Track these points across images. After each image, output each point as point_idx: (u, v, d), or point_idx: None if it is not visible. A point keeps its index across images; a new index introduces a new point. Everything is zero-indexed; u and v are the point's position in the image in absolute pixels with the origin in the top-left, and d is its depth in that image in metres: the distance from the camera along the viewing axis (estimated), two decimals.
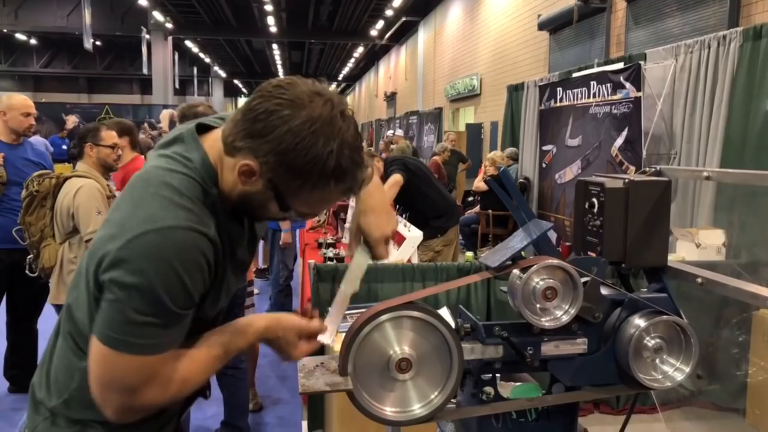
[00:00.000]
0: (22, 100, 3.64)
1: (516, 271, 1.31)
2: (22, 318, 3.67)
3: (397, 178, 4.56)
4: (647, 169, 1.56)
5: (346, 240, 5.01)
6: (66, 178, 3.11)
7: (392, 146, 9.51)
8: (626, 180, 1.42)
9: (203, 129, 1.19)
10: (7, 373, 3.71)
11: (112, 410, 1.07)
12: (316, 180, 1.05)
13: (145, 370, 1.04)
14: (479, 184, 7.49)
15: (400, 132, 17.03)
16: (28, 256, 3.24)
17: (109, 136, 3.23)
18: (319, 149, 1.02)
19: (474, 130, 14.07)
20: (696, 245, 3.73)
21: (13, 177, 3.47)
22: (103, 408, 1.07)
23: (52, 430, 1.16)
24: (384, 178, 4.58)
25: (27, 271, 3.24)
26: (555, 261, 1.29)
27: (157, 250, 1.01)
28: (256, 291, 5.52)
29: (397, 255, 3.66)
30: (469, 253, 4.48)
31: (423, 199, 4.60)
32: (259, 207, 1.13)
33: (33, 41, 28.93)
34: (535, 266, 1.27)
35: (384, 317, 1.24)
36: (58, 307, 3.19)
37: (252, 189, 1.09)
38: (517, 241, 1.35)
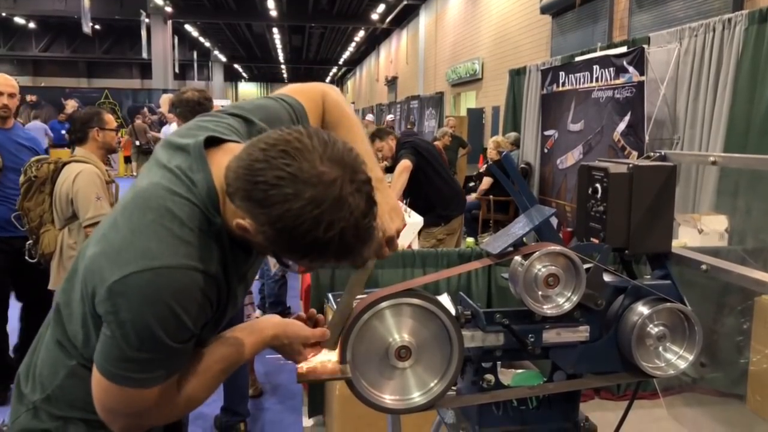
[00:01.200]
0: None
1: (518, 258, 1.29)
2: (33, 303, 3.64)
3: (406, 164, 4.43)
4: (652, 153, 1.53)
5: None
6: (64, 164, 3.08)
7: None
8: (630, 165, 1.39)
9: (213, 141, 1.09)
10: (20, 360, 3.69)
11: (118, 429, 1.07)
12: (315, 257, 0.99)
13: (148, 400, 1.03)
14: (483, 187, 7.47)
15: (390, 117, 16.94)
16: (27, 242, 3.21)
17: (111, 120, 3.21)
18: (319, 235, 0.93)
19: (475, 114, 14.00)
20: (698, 231, 3.71)
21: (9, 162, 3.39)
22: (109, 425, 1.07)
23: (32, 423, 1.14)
24: (395, 158, 4.58)
25: (26, 257, 3.22)
26: (557, 247, 1.27)
27: (154, 290, 0.96)
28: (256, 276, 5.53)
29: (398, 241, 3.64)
30: (470, 239, 4.45)
31: (430, 186, 4.54)
32: (260, 249, 1.09)
33: (32, 25, 28.69)
34: (537, 253, 1.25)
35: (383, 304, 1.22)
36: None
37: (249, 237, 1.01)
38: (519, 227, 1.33)
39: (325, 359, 1.22)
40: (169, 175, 1.05)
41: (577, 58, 6.52)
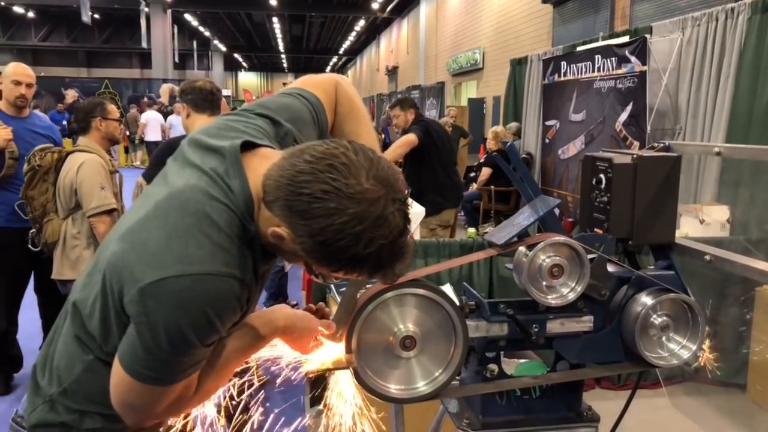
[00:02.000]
0: (14, 67, 3.54)
1: (522, 249, 1.29)
2: (51, 293, 3.63)
3: (410, 138, 4.38)
4: (656, 144, 1.53)
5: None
6: (68, 153, 3.08)
7: None
8: (634, 155, 1.39)
9: (246, 145, 1.08)
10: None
11: (132, 422, 1.07)
12: (350, 271, 1.00)
13: (169, 397, 1.03)
14: (483, 177, 7.46)
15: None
16: (31, 231, 3.22)
17: (114, 110, 3.20)
18: (359, 251, 0.94)
19: (476, 104, 13.97)
20: (700, 221, 3.71)
21: (24, 152, 3.33)
22: (124, 419, 1.07)
23: (49, 416, 1.14)
24: (405, 131, 4.63)
25: (30, 246, 3.22)
26: (561, 238, 1.27)
27: (191, 296, 0.95)
28: None
29: None
30: (471, 230, 4.46)
31: (428, 169, 4.51)
32: (289, 258, 1.09)
33: (31, 14, 28.58)
34: (541, 243, 1.26)
35: (388, 295, 1.22)
36: (61, 282, 3.18)
37: (282, 246, 1.01)
38: (524, 217, 1.33)
39: (330, 349, 1.22)
40: (206, 178, 1.04)
41: (579, 48, 6.49)
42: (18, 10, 27.15)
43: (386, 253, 0.96)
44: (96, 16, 24.79)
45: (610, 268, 1.36)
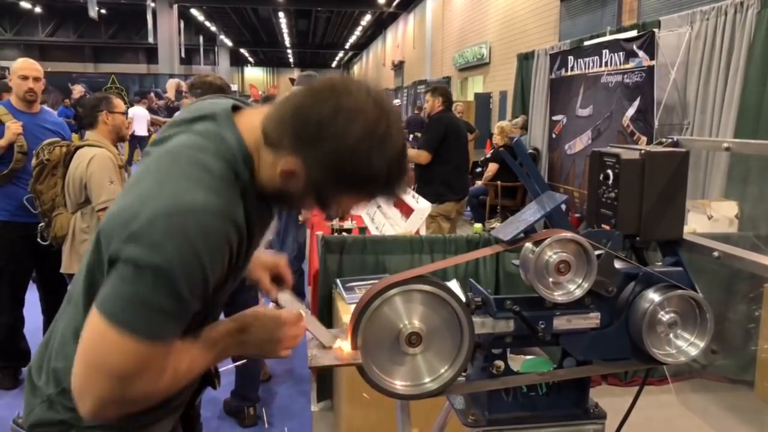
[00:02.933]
0: (21, 62, 3.55)
1: (529, 245, 1.28)
2: (54, 289, 3.65)
3: (422, 156, 4.63)
4: (664, 140, 1.52)
5: (353, 211, 4.99)
6: (77, 147, 3.08)
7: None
8: (643, 151, 1.38)
9: (234, 110, 1.11)
10: None
11: (92, 400, 0.96)
12: (364, 191, 1.03)
13: (142, 358, 0.95)
14: (489, 173, 7.44)
15: (398, 102, 16.82)
16: (40, 224, 3.23)
17: (120, 103, 3.21)
18: (373, 164, 0.98)
19: (483, 99, 13.92)
20: (708, 217, 3.69)
21: (33, 147, 3.33)
22: (82, 398, 0.97)
23: (48, 415, 1.12)
24: (429, 116, 4.89)
25: (39, 239, 3.23)
26: (568, 234, 1.26)
27: (182, 231, 0.93)
28: None
29: (405, 226, 3.64)
30: (478, 225, 4.43)
31: (440, 165, 4.59)
32: (295, 203, 1.09)
33: (38, 9, 28.66)
34: (548, 239, 1.25)
35: (394, 291, 1.22)
36: (70, 276, 3.20)
37: (291, 188, 1.03)
38: (530, 213, 1.33)
39: (337, 346, 1.22)
40: (196, 135, 1.05)
41: (587, 43, 6.46)
42: (25, 5, 27.22)
43: (395, 169, 1.00)
44: (103, 11, 24.82)
45: (618, 264, 1.35)
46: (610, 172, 1.40)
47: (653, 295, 1.31)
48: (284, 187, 1.03)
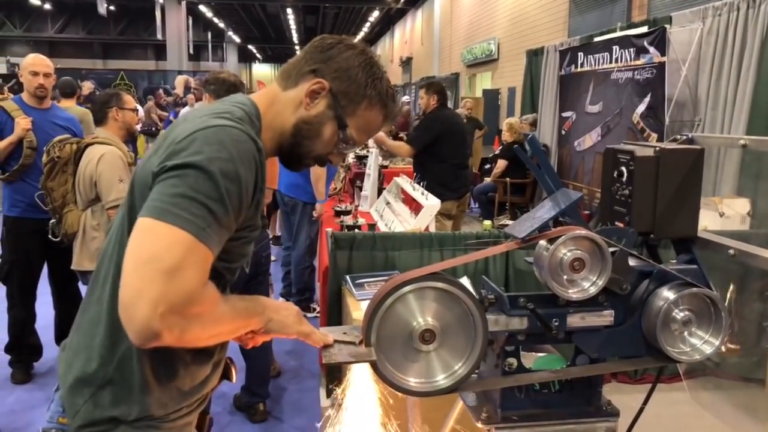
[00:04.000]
0: (32, 58, 3.58)
1: (543, 242, 1.28)
2: (65, 284, 3.67)
3: (406, 150, 4.70)
4: (678, 137, 1.51)
5: (362, 208, 4.98)
6: (87, 145, 3.10)
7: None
8: (657, 148, 1.37)
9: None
10: (59, 341, 3.75)
11: (145, 303, 0.93)
12: (373, 96, 1.23)
13: (187, 251, 0.97)
14: (498, 170, 7.41)
15: (406, 98, 16.80)
16: (51, 221, 3.25)
17: (130, 100, 3.22)
18: (374, 70, 1.25)
19: (491, 95, 13.87)
20: (720, 214, 3.67)
21: (43, 143, 3.36)
22: (133, 305, 0.94)
23: (96, 413, 1.14)
24: (424, 112, 4.87)
25: (50, 236, 3.25)
26: (583, 232, 1.26)
27: (216, 138, 1.04)
28: (273, 258, 5.55)
29: (414, 223, 3.64)
30: (487, 222, 4.42)
31: (434, 163, 4.54)
32: (313, 134, 1.23)
33: (47, 6, 28.78)
34: (562, 237, 1.24)
35: (407, 288, 1.22)
36: (81, 273, 3.22)
37: (313, 112, 1.21)
38: (545, 211, 1.32)
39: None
40: (211, 109, 1.16)
41: (596, 39, 6.43)
42: (35, 2, 27.33)
43: (389, 89, 1.27)
44: (111, 7, 24.88)
45: (632, 262, 1.34)
46: (624, 169, 1.40)
47: (668, 293, 1.31)
48: (304, 117, 1.22)
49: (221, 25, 31.77)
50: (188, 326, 0.99)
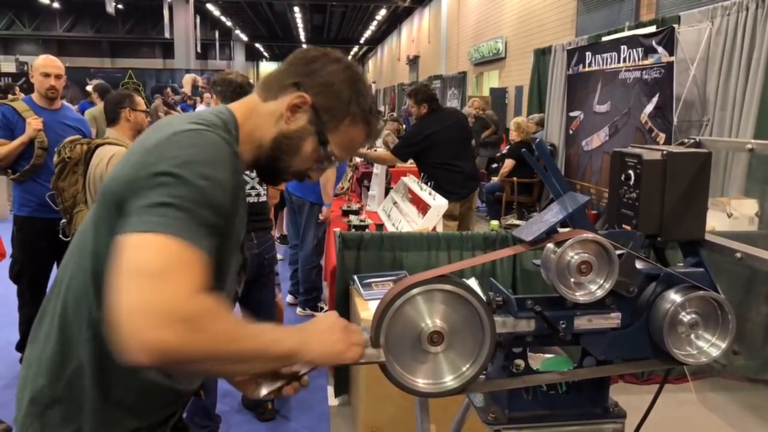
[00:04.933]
0: (43, 59, 3.61)
1: (550, 245, 1.29)
2: None
3: (389, 158, 4.69)
4: (686, 140, 1.52)
5: (370, 207, 5.00)
6: (97, 145, 3.13)
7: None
8: (664, 152, 1.38)
9: None
10: None
11: (145, 316, 0.84)
12: (356, 113, 1.19)
13: (171, 252, 0.89)
14: (505, 169, 7.41)
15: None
16: (62, 221, 3.28)
17: (141, 102, 3.25)
18: (359, 87, 1.21)
19: (498, 94, 13.85)
20: (727, 215, 3.66)
21: (54, 143, 3.40)
22: (132, 321, 0.84)
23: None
24: (417, 118, 4.74)
25: (60, 236, 3.28)
26: (590, 235, 1.27)
27: (189, 140, 1.02)
28: (279, 257, 5.57)
29: (422, 223, 3.65)
30: (495, 222, 4.42)
31: (429, 168, 4.43)
32: (293, 149, 1.18)
33: (56, 5, 28.92)
34: (570, 240, 1.25)
35: (415, 291, 1.23)
36: None
37: (293, 126, 1.17)
38: (552, 214, 1.33)
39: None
40: (182, 116, 1.14)
41: (604, 38, 6.41)
42: (43, 0, 27.48)
43: (373, 106, 1.23)
44: (120, 6, 24.98)
45: (639, 264, 1.35)
46: (631, 172, 1.41)
47: (674, 296, 1.32)
48: (284, 131, 1.17)
49: (229, 23, 31.83)
50: (190, 336, 0.86)
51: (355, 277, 3.02)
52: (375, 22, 30.12)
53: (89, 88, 7.86)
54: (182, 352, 0.86)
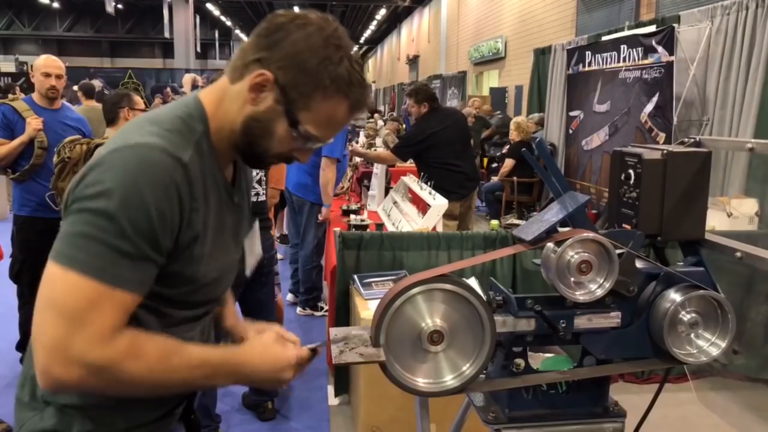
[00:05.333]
0: (44, 59, 3.61)
1: (550, 245, 1.29)
2: None
3: (388, 157, 4.67)
4: (686, 139, 1.52)
5: (370, 207, 5.00)
6: (97, 145, 3.12)
7: None
8: (664, 151, 1.38)
9: None
10: None
11: (43, 349, 0.92)
12: (328, 84, 1.03)
13: (89, 295, 0.92)
14: (505, 169, 7.41)
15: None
16: (61, 221, 3.28)
17: (140, 101, 3.24)
18: (330, 52, 1.03)
19: (498, 94, 13.86)
20: (727, 214, 3.66)
21: (54, 143, 3.40)
22: (35, 350, 0.93)
23: (38, 424, 1.08)
24: (417, 119, 4.68)
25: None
26: (590, 234, 1.27)
27: (121, 164, 0.95)
28: (279, 256, 5.57)
29: (422, 223, 3.65)
30: (495, 222, 4.42)
31: (428, 168, 4.41)
32: (264, 132, 1.06)
33: (56, 4, 28.95)
34: (570, 240, 1.26)
35: (416, 290, 1.23)
36: None
37: (260, 108, 1.04)
38: (552, 214, 1.33)
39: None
40: (144, 117, 1.09)
41: (604, 38, 6.41)
42: (43, 0, 27.48)
43: (355, 69, 1.05)
44: (119, 6, 24.99)
45: (639, 264, 1.35)
46: (631, 171, 1.41)
47: (674, 295, 1.32)
48: (252, 113, 1.05)
49: (228, 23, 31.84)
50: (98, 379, 0.94)
51: (355, 276, 3.02)
52: (375, 22, 30.14)
53: (75, 87, 7.86)
54: (92, 389, 0.96)
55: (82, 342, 0.92)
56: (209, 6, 26.56)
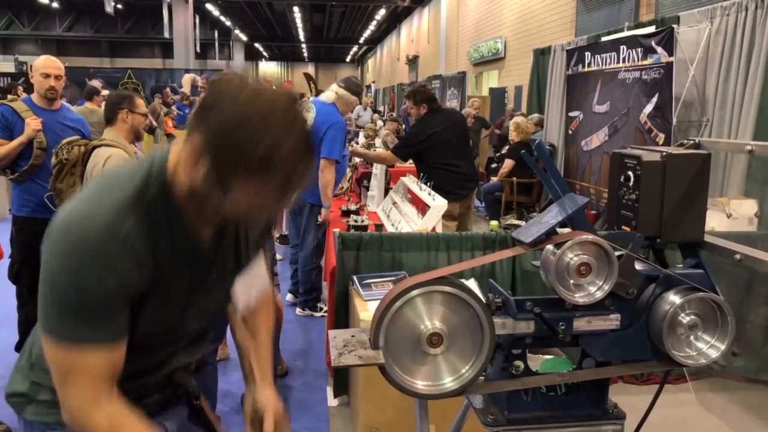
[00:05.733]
0: (43, 60, 3.61)
1: (550, 247, 1.29)
2: None
3: (389, 158, 4.68)
4: (685, 141, 1.52)
5: (370, 207, 4.99)
6: (94, 147, 3.12)
7: None
8: (664, 153, 1.38)
9: None
10: None
11: (59, 396, 1.10)
12: (247, 162, 0.95)
13: (64, 361, 1.05)
14: (504, 169, 7.39)
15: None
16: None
17: (142, 104, 3.23)
18: (250, 130, 0.95)
19: (498, 94, 13.85)
20: (727, 215, 3.66)
21: (53, 144, 3.39)
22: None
23: (18, 386, 1.23)
24: (417, 119, 4.69)
25: None
26: (590, 236, 1.27)
27: (66, 235, 1.04)
28: (279, 257, 5.57)
29: (421, 224, 3.65)
30: (494, 222, 4.41)
31: (427, 168, 4.41)
32: (202, 202, 1.04)
33: (55, 4, 28.91)
34: (569, 242, 1.26)
35: (415, 292, 1.23)
36: None
37: (197, 178, 1.00)
38: (552, 216, 1.33)
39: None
40: (111, 176, 1.14)
41: (604, 38, 6.41)
42: (43, 0, 27.46)
43: (279, 151, 0.95)
44: (119, 6, 24.98)
45: (638, 266, 1.35)
46: (631, 173, 1.41)
47: (674, 298, 1.32)
48: (192, 184, 1.02)
49: (228, 23, 31.82)
50: (81, 419, 1.08)
51: (355, 277, 3.02)
52: (374, 22, 30.13)
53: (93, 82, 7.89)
54: None
55: (74, 407, 1.08)
56: (209, 6, 26.54)
